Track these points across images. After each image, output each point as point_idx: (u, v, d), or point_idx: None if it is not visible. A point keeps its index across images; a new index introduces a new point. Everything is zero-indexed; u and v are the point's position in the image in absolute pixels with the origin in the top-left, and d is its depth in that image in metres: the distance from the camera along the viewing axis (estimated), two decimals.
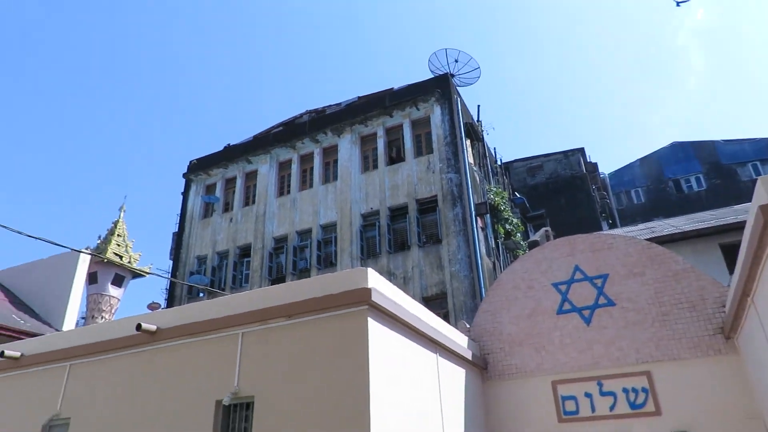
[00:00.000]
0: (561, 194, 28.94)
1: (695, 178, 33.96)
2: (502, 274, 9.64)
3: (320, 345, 5.68)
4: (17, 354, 7.90)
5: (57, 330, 13.49)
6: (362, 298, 5.58)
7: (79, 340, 7.46)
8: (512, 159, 32.22)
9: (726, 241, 11.62)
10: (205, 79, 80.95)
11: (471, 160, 19.52)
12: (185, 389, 6.27)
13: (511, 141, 78.08)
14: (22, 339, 10.25)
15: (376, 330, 5.66)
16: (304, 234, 20.65)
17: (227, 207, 23.51)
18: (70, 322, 14.43)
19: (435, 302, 16.41)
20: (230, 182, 24.07)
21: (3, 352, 7.83)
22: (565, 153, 31.18)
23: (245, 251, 21.77)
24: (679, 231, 14.76)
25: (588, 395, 8.19)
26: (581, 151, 31.61)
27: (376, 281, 5.88)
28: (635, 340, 8.33)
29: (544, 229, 18.19)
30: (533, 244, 13.24)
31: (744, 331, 7.11)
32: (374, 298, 5.61)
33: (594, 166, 33.99)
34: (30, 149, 71.66)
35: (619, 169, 37.17)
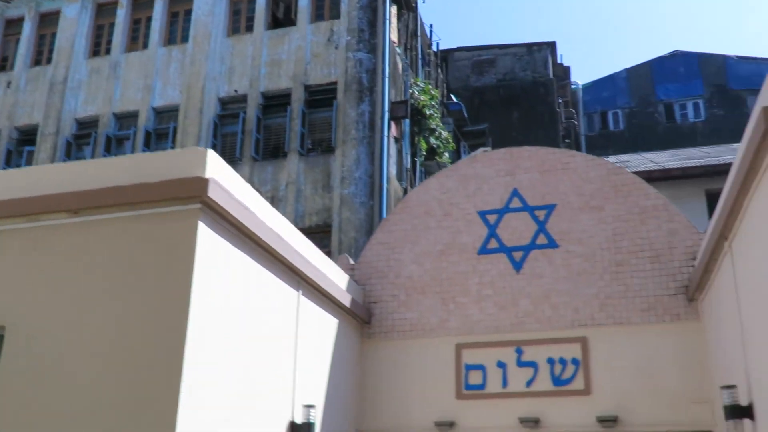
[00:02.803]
0: (515, 105, 29.74)
1: (693, 104, 36.16)
2: (411, 193, 9.90)
3: (120, 257, 5.64)
4: None
5: None
6: (194, 191, 5.55)
7: None
8: (454, 47, 32.42)
9: (714, 188, 12.61)
10: None
11: (394, 37, 19.40)
12: None
13: (456, 21, 78.55)
14: None
15: (209, 240, 5.67)
16: (127, 119, 19.95)
17: (4, 64, 22.23)
18: None
19: (314, 237, 16.35)
20: (12, 25, 22.75)
21: None
22: (528, 46, 31.80)
23: (28, 135, 20.78)
24: (660, 168, 15.98)
25: (501, 365, 8.81)
26: (552, 46, 32.39)
27: (217, 170, 5.85)
28: (576, 295, 8.96)
29: (482, 149, 18.68)
30: None
31: (712, 290, 7.88)
32: (212, 193, 5.58)
33: (565, 71, 35.08)
34: None
35: (597, 80, 38.58)
